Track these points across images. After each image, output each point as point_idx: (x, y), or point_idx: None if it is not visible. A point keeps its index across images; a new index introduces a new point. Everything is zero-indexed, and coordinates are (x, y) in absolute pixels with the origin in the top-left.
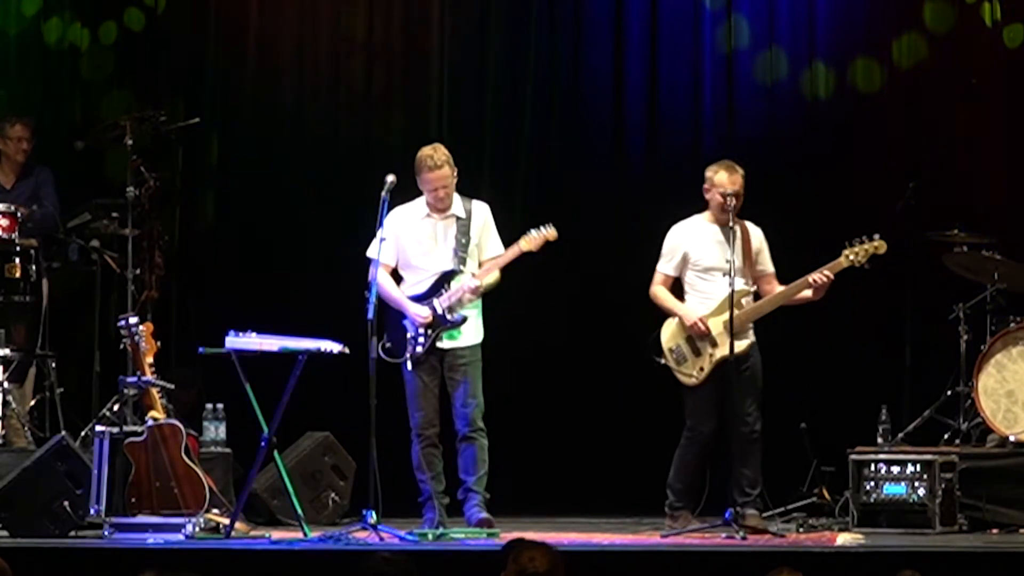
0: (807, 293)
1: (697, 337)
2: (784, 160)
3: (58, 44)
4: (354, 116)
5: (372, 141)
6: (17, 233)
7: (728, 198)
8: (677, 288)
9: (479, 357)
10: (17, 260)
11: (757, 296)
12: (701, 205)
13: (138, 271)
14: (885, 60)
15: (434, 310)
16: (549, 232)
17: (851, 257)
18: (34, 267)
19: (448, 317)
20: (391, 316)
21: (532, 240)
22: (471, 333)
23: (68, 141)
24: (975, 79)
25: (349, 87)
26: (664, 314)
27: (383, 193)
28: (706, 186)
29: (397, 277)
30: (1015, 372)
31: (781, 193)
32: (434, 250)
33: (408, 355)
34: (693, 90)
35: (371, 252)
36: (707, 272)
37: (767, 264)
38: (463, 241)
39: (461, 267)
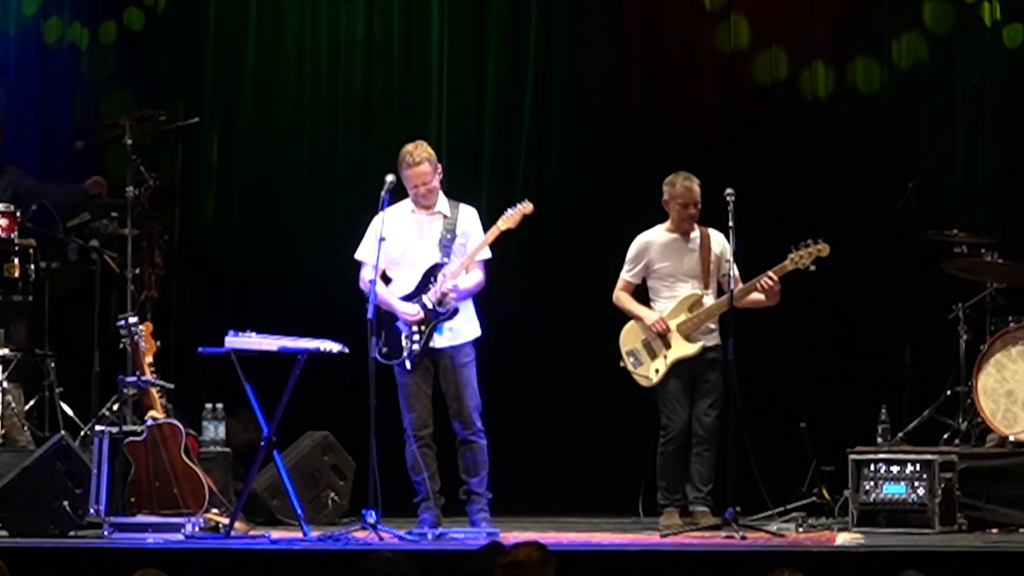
0: (760, 296)
1: (652, 339)
2: (783, 160)
3: (58, 44)
4: (353, 116)
5: (371, 141)
6: (16, 233)
7: (690, 207)
8: (642, 294)
9: (473, 357)
10: (16, 260)
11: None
12: (709, 203)
13: (138, 271)
14: (885, 60)
15: (424, 305)
16: (525, 207)
17: (796, 260)
18: (33, 267)
19: (439, 310)
20: (385, 319)
21: (510, 218)
22: (464, 331)
23: (68, 141)
24: (975, 79)
25: (348, 87)
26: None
27: (383, 193)
28: (665, 198)
29: (385, 278)
30: (1015, 372)
31: (780, 193)
32: (420, 245)
33: (406, 355)
34: (693, 90)
35: (360, 255)
36: (669, 278)
37: (728, 268)
38: (448, 238)
39: (447, 259)
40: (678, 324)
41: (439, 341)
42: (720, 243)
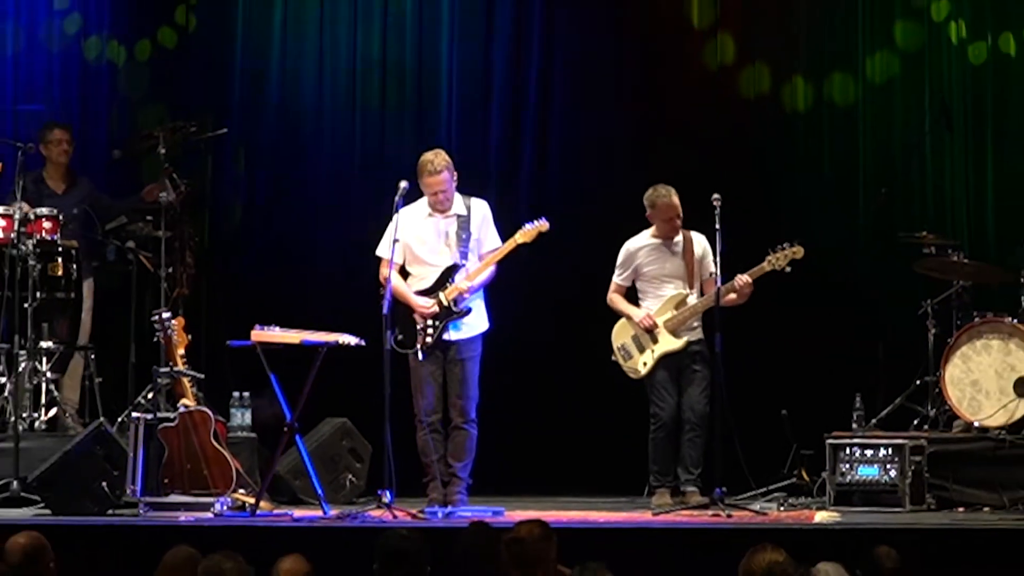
0: (733, 296)
1: (641, 335)
2: (765, 168)
3: (97, 61)
4: (370, 127)
5: (386, 150)
6: (59, 235)
7: (673, 220)
8: (633, 296)
9: (479, 351)
10: (59, 260)
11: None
12: (698, 208)
13: (170, 270)
14: (860, 76)
15: (440, 302)
16: (542, 224)
17: (773, 262)
18: (75, 266)
19: (454, 308)
20: (402, 310)
21: (527, 233)
22: (475, 324)
23: (106, 151)
24: (942, 93)
25: (365, 101)
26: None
27: (396, 198)
28: (648, 214)
29: (404, 273)
30: (979, 363)
31: (763, 198)
32: (438, 247)
33: (419, 345)
34: (684, 102)
35: (380, 251)
36: (655, 280)
37: (710, 267)
38: (463, 237)
39: (463, 261)
40: (664, 321)
41: (452, 333)
42: (702, 245)
